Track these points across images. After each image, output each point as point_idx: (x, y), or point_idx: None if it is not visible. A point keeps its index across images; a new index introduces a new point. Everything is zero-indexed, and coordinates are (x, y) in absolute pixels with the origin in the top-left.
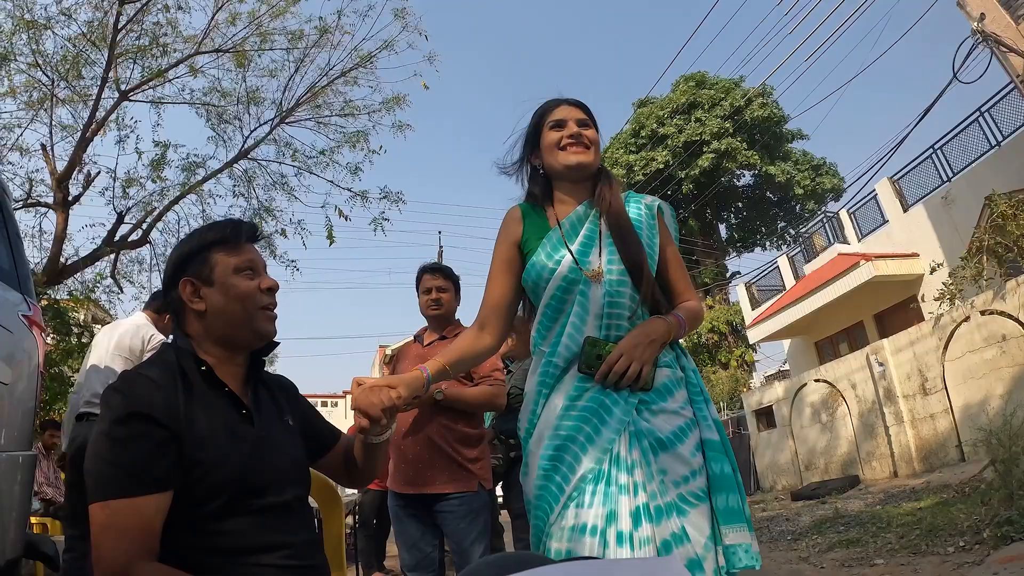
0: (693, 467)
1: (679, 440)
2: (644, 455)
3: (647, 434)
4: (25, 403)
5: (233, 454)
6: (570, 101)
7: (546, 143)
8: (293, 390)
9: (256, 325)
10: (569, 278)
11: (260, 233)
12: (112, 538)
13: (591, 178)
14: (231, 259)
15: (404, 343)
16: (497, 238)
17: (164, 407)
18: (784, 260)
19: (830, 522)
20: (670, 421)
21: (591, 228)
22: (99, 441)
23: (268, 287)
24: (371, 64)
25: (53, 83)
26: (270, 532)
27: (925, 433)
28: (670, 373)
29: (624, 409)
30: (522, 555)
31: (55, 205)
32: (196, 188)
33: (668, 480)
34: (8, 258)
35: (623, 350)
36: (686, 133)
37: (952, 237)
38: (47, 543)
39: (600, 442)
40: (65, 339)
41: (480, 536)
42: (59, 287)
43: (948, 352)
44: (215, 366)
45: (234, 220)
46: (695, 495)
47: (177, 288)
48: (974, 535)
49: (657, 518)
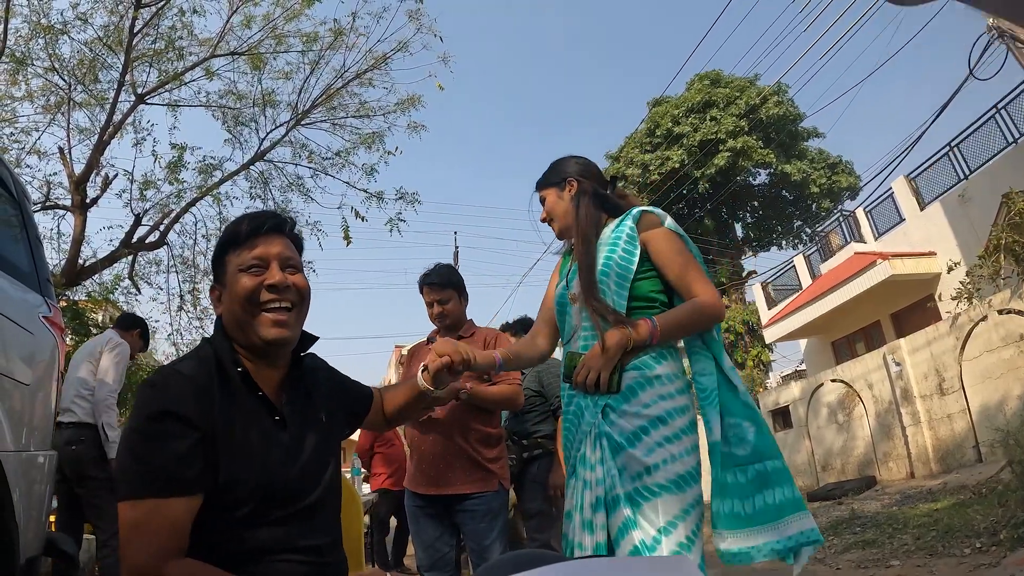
0: (647, 464)
1: (637, 439)
2: (603, 454)
3: (607, 436)
4: (45, 403)
5: (265, 461)
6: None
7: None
8: (327, 370)
9: (259, 329)
10: (561, 302)
11: (283, 223)
12: (141, 537)
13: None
14: (236, 258)
15: (416, 344)
16: (552, 276)
17: (197, 406)
18: (800, 259)
19: (846, 523)
20: (631, 422)
21: (576, 265)
22: (131, 437)
23: (271, 283)
24: (386, 65)
25: (70, 87)
26: (297, 534)
27: (942, 434)
28: (637, 375)
29: (592, 412)
30: (537, 553)
31: (73, 208)
32: (213, 190)
33: (627, 475)
34: (28, 260)
35: (584, 361)
36: (701, 132)
37: (969, 235)
38: (66, 541)
39: (576, 442)
40: (84, 340)
41: (499, 535)
42: (77, 289)
43: (965, 352)
44: (252, 370)
45: (250, 213)
46: (659, 485)
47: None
48: (991, 536)
49: (612, 508)
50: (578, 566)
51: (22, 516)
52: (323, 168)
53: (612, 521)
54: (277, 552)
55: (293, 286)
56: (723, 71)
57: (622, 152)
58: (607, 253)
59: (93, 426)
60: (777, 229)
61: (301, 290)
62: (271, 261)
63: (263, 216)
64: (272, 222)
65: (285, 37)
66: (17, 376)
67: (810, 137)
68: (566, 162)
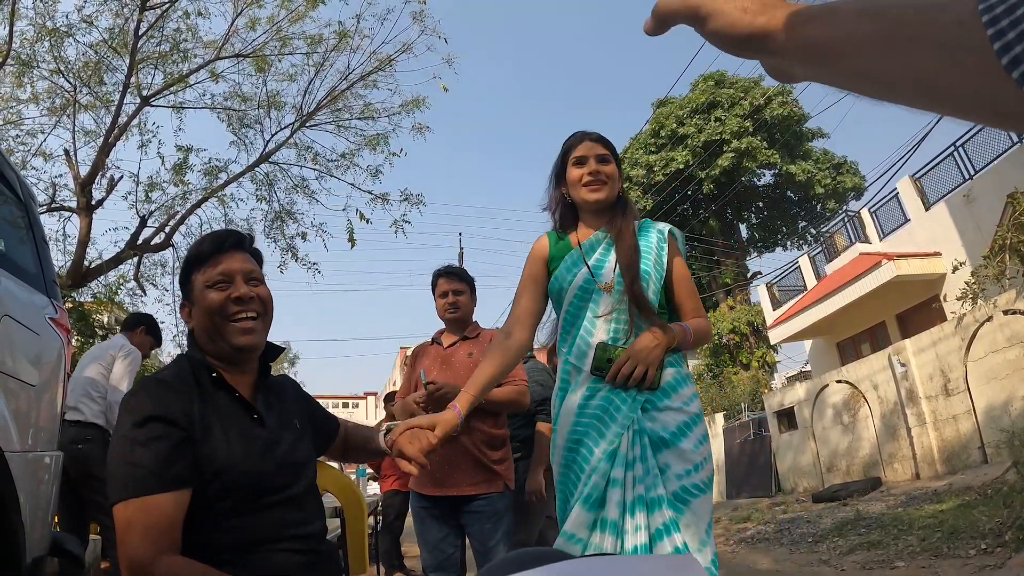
0: (694, 461)
1: (682, 436)
2: (644, 451)
3: (649, 432)
4: (51, 404)
5: (245, 455)
6: (591, 136)
7: (570, 179)
8: (296, 388)
9: (229, 338)
10: (584, 288)
11: (243, 239)
12: (136, 534)
13: (610, 208)
14: (203, 274)
15: (421, 344)
16: (527, 259)
17: (180, 410)
18: (805, 260)
19: (851, 524)
20: (673, 418)
21: (605, 249)
22: (120, 444)
23: (237, 296)
24: (390, 67)
25: (75, 89)
26: (282, 525)
27: (947, 435)
28: (675, 372)
29: (631, 407)
30: (542, 551)
31: (78, 209)
32: (218, 192)
33: (671, 474)
34: (34, 262)
35: (630, 354)
36: (706, 133)
37: (974, 235)
38: (71, 541)
39: (608, 437)
40: (89, 341)
41: (504, 537)
42: (83, 290)
43: (971, 352)
44: (224, 373)
45: (212, 232)
46: (697, 487)
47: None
48: (996, 538)
49: (650, 509)
50: (583, 565)
51: (28, 516)
52: (328, 170)
53: (651, 521)
54: (271, 542)
55: (257, 297)
56: (727, 72)
57: (626, 153)
58: (643, 257)
59: (100, 427)
60: (782, 230)
61: (265, 301)
62: (235, 276)
63: (224, 235)
64: (232, 239)
65: (290, 39)
66: (23, 377)
67: (815, 137)
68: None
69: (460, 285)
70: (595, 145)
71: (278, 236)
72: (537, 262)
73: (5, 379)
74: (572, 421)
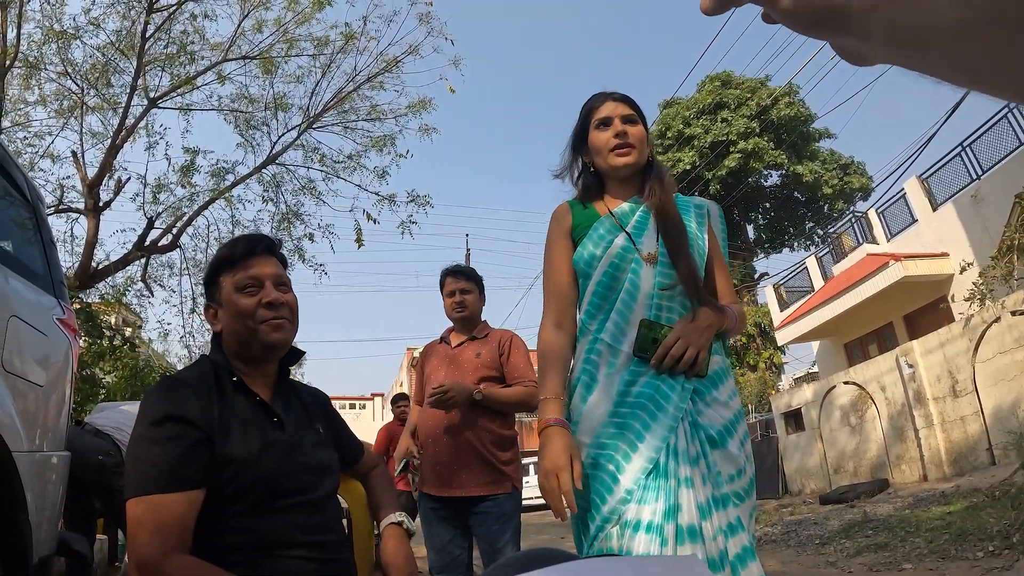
0: (740, 464)
1: (729, 435)
2: (702, 446)
3: (702, 428)
4: (59, 404)
5: (264, 457)
6: (615, 96)
7: (594, 144)
8: (325, 402)
9: (261, 338)
10: (622, 256)
11: (274, 245)
12: (146, 532)
13: (640, 173)
14: (233, 278)
15: (429, 344)
16: (548, 235)
17: (199, 411)
18: (812, 261)
19: (859, 526)
20: (721, 414)
21: (642, 217)
22: (137, 443)
23: (268, 302)
24: (397, 69)
25: (83, 91)
26: (300, 530)
27: (955, 436)
28: (720, 361)
29: (681, 396)
30: (548, 551)
31: (86, 211)
32: (225, 193)
33: (722, 477)
34: (42, 263)
35: (680, 334)
36: (712, 133)
37: (982, 236)
38: (79, 540)
39: (657, 431)
40: (97, 342)
41: (513, 537)
42: (91, 291)
43: (979, 353)
44: (245, 377)
45: (243, 236)
46: (740, 492)
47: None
48: (1004, 540)
49: (722, 507)
50: (589, 565)
51: (35, 516)
52: (335, 171)
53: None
54: (285, 546)
55: (287, 304)
56: (734, 72)
57: None
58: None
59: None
60: (789, 231)
61: (292, 307)
62: (265, 280)
63: (256, 239)
64: (264, 244)
65: (296, 41)
66: (31, 377)
67: (821, 138)
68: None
69: (468, 284)
70: (619, 105)
71: (285, 237)
72: (562, 237)
73: (13, 379)
74: (608, 411)
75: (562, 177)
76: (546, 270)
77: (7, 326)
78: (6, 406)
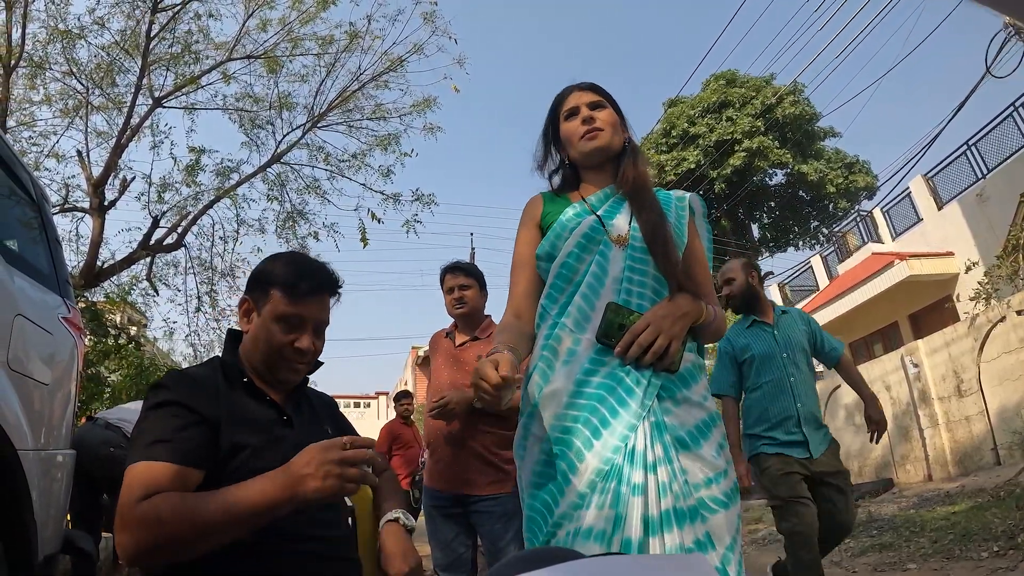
0: (717, 469)
1: (702, 437)
2: (666, 451)
3: (669, 429)
4: (64, 403)
5: (272, 450)
6: (581, 85)
7: (564, 134)
8: (333, 406)
9: (276, 373)
10: (589, 236)
11: (336, 287)
12: (132, 491)
13: (614, 160)
14: (281, 305)
15: (437, 334)
16: (519, 227)
17: (201, 400)
18: (817, 260)
19: (863, 526)
20: (692, 414)
21: (616, 203)
22: (140, 423)
23: (300, 348)
24: (401, 68)
25: (88, 91)
26: (307, 524)
27: (960, 436)
28: (693, 359)
29: (647, 392)
30: (553, 549)
31: (91, 210)
32: (230, 192)
33: (690, 483)
34: (47, 262)
35: (651, 320)
36: (717, 132)
37: (987, 235)
38: (84, 538)
39: (616, 429)
40: (102, 340)
41: (515, 537)
42: (96, 290)
43: (984, 353)
44: (257, 379)
45: (312, 271)
46: (718, 500)
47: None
48: (1008, 540)
49: (679, 523)
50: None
51: (40, 514)
52: (339, 170)
53: (682, 538)
54: (290, 540)
55: (314, 351)
56: (739, 71)
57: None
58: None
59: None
60: (794, 229)
61: (319, 352)
62: (308, 324)
63: (323, 281)
64: (326, 289)
65: (301, 40)
66: (36, 376)
67: (826, 137)
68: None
69: (467, 280)
70: (584, 93)
71: (290, 236)
72: (530, 226)
73: (18, 378)
74: (563, 403)
75: (541, 172)
76: (513, 261)
77: (13, 325)
78: (12, 404)
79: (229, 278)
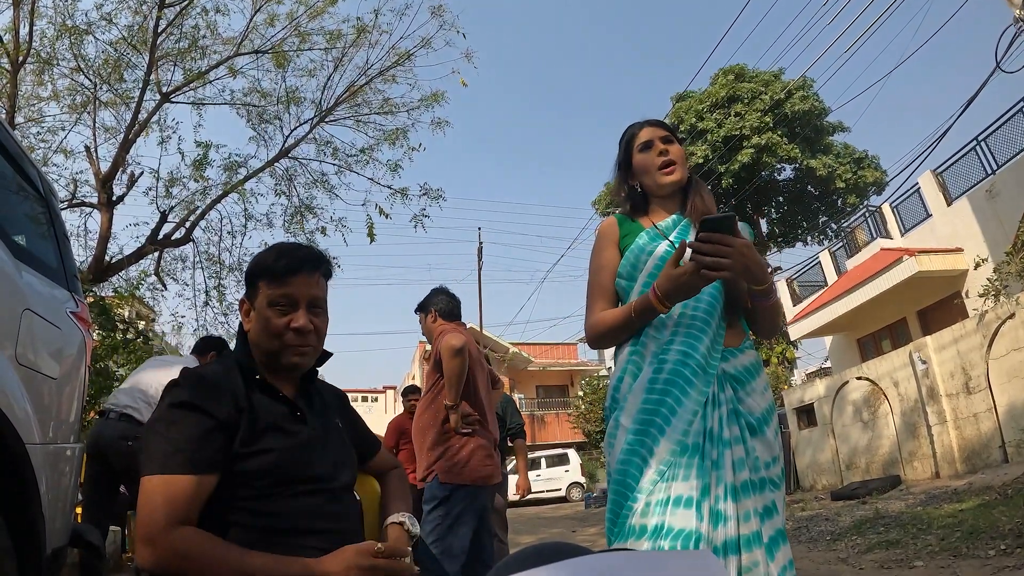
0: (775, 452)
1: (767, 423)
2: (742, 432)
3: (742, 414)
4: (72, 397)
5: (285, 444)
6: (651, 122)
7: (639, 165)
8: (343, 399)
9: (283, 359)
10: (664, 258)
11: (320, 262)
12: (156, 506)
13: (681, 191)
14: (269, 290)
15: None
16: (596, 244)
17: (216, 401)
18: (826, 255)
19: (870, 523)
20: (759, 403)
21: (684, 229)
22: (156, 424)
23: (296, 327)
24: (409, 62)
25: (96, 86)
26: (317, 517)
27: (968, 433)
28: (754, 355)
29: (704, 381)
30: (560, 545)
31: (99, 205)
32: (238, 187)
33: (760, 463)
34: (56, 257)
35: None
36: (725, 127)
37: (997, 231)
38: (92, 532)
39: (684, 415)
40: (110, 335)
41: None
42: (104, 284)
43: (992, 350)
44: (269, 375)
45: (288, 249)
46: (775, 479)
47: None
48: (1016, 538)
49: (755, 491)
50: (600, 559)
51: (49, 507)
52: (347, 165)
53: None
54: (299, 532)
55: (315, 330)
56: (747, 65)
57: None
58: None
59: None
60: (802, 225)
61: (321, 332)
62: (299, 302)
63: (301, 257)
64: (309, 263)
65: (308, 35)
66: (45, 370)
67: (835, 132)
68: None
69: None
70: (655, 129)
71: (298, 231)
72: (609, 245)
73: (27, 372)
74: (648, 398)
75: (617, 203)
76: (592, 273)
77: (21, 319)
78: (20, 399)
79: (237, 272)
